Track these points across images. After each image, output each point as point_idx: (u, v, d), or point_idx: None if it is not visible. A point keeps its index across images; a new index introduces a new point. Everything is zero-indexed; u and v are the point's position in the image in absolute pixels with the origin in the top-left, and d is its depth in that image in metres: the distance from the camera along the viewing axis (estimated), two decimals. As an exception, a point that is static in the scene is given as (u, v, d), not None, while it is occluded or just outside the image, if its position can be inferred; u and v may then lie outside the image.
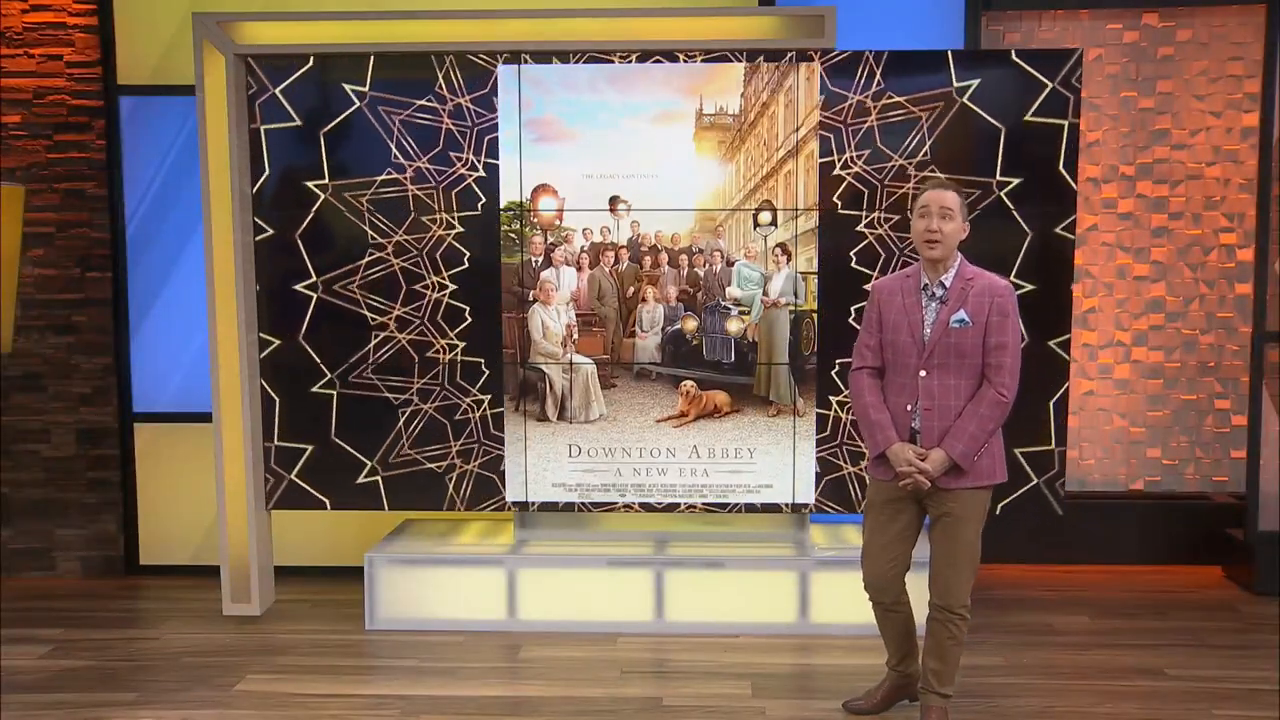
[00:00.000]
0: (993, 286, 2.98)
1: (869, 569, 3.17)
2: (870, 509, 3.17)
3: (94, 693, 3.61)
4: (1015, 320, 2.99)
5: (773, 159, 4.01)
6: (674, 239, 4.06)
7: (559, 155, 4.04)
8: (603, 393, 4.14)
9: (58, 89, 4.67)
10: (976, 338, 2.95)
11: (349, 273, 4.09)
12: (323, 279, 4.10)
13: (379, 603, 4.18)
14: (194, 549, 4.84)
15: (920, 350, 2.98)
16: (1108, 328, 4.96)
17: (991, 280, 3.00)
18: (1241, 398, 4.88)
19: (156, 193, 4.71)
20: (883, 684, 3.36)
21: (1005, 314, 2.96)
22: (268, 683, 3.68)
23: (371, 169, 4.04)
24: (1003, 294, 2.98)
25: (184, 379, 4.76)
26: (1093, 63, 4.82)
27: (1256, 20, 4.74)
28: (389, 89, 4.00)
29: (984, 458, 3.00)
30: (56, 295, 4.76)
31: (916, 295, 3.02)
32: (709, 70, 3.99)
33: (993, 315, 2.95)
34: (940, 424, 2.98)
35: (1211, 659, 3.83)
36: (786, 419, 4.11)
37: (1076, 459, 4.99)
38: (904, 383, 3.02)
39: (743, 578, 4.10)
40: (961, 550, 3.03)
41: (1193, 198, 4.89)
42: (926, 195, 2.98)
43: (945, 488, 3.00)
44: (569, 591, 4.14)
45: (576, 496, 4.16)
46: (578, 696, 3.54)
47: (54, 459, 4.82)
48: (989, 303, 2.95)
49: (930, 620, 3.11)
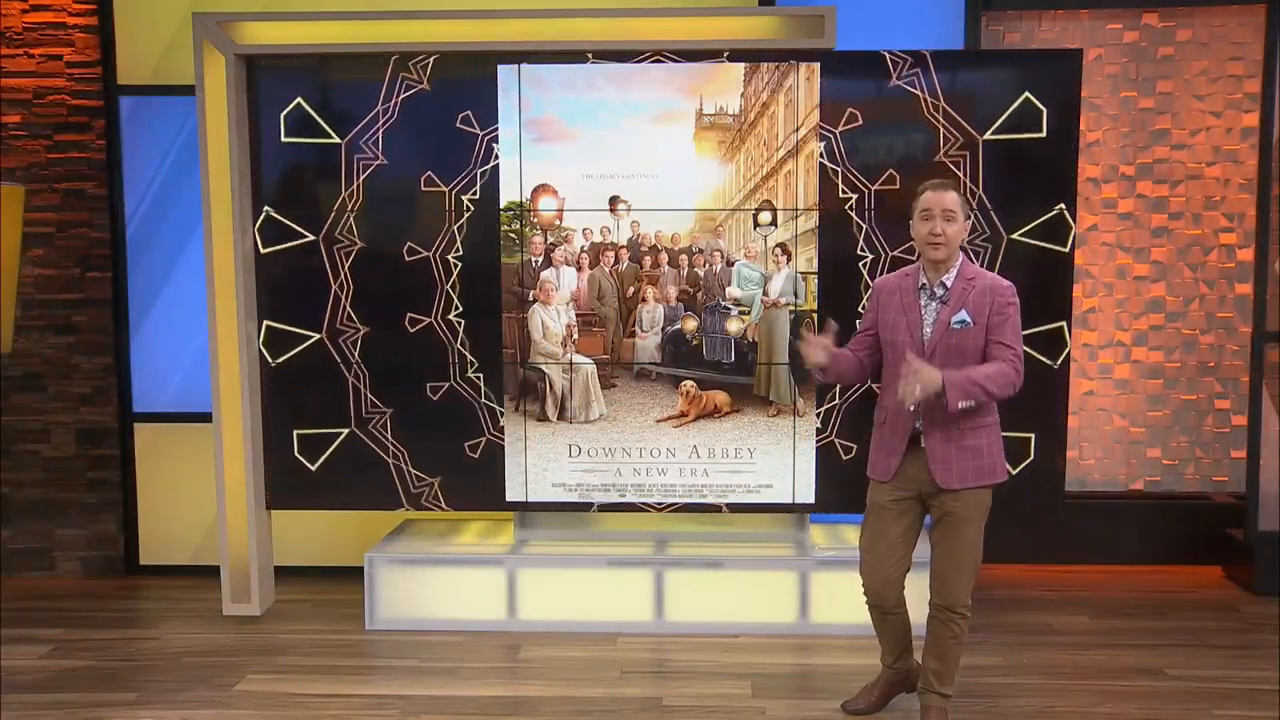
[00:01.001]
0: (994, 286, 2.97)
1: (872, 576, 3.14)
2: (871, 511, 3.14)
3: (94, 693, 3.61)
4: (1016, 320, 2.98)
5: (773, 159, 4.01)
6: (674, 239, 4.06)
7: (559, 155, 4.04)
8: (603, 393, 4.14)
9: (58, 89, 4.67)
10: (978, 338, 2.95)
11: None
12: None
13: (379, 603, 4.18)
14: (194, 549, 4.84)
15: (920, 349, 2.97)
16: (1108, 328, 4.96)
17: (994, 280, 2.99)
18: (1241, 398, 4.88)
19: (156, 193, 4.71)
20: (878, 681, 3.35)
21: (1006, 315, 2.96)
22: (268, 683, 3.68)
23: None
24: (1004, 294, 2.97)
25: (184, 379, 4.76)
26: (1093, 63, 4.82)
27: (1256, 20, 4.74)
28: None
29: (986, 457, 3.00)
30: (56, 295, 4.76)
31: (915, 294, 3.02)
32: (709, 70, 3.99)
33: (994, 315, 2.95)
34: (942, 421, 2.96)
35: (1211, 659, 3.83)
36: (786, 419, 4.11)
37: (1076, 459, 4.98)
38: None
39: (743, 578, 4.10)
40: (964, 550, 3.03)
41: (1193, 198, 4.89)
42: (928, 197, 2.97)
43: (948, 488, 2.99)
44: (569, 591, 4.14)
45: (576, 496, 4.16)
46: (578, 696, 3.54)
47: (54, 459, 4.82)
48: (989, 303, 2.95)
49: (931, 620, 3.11)
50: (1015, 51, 3.94)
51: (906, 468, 3.04)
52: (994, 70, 3.97)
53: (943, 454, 2.98)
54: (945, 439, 2.97)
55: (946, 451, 2.97)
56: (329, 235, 4.07)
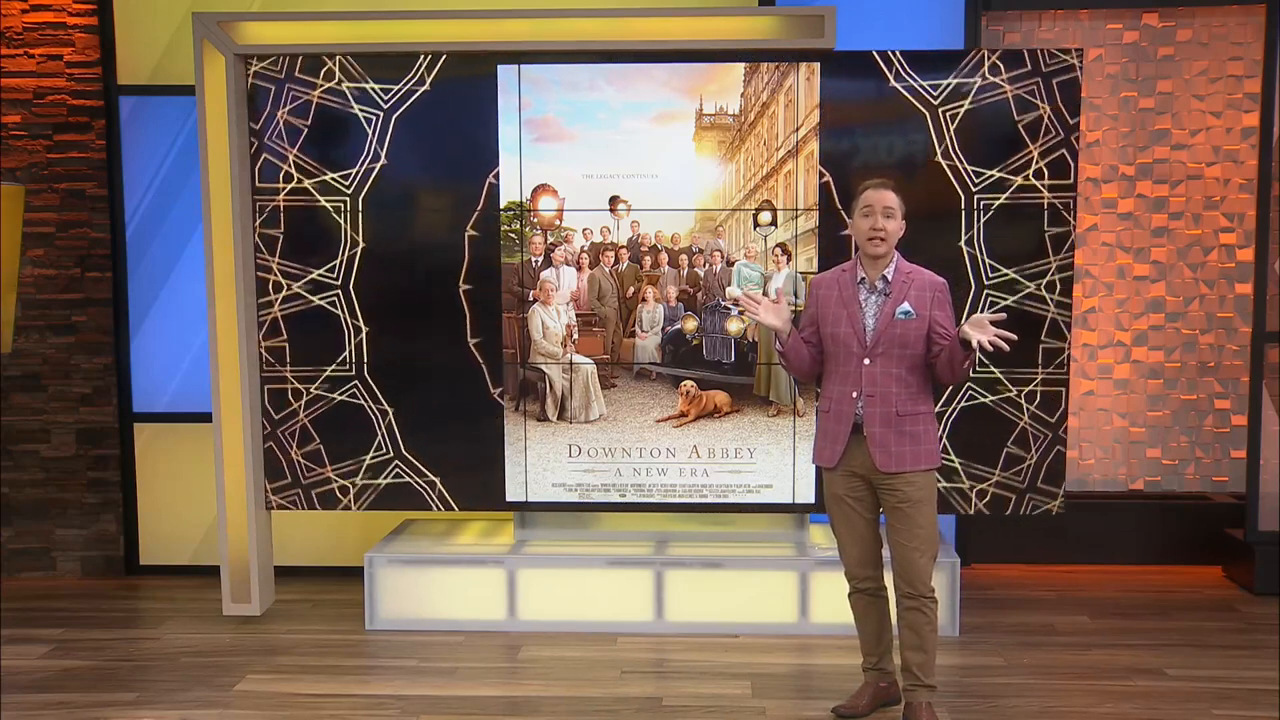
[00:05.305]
0: (933, 282, 3.16)
1: (852, 555, 3.29)
2: (831, 503, 3.28)
3: (94, 693, 3.61)
4: (951, 311, 3.17)
5: (773, 159, 4.01)
6: (674, 239, 4.06)
7: (559, 155, 4.04)
8: (603, 393, 4.14)
9: (58, 89, 4.67)
10: (920, 328, 3.11)
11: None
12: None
13: (379, 603, 4.18)
14: (194, 549, 4.84)
15: (861, 340, 3.12)
16: (1108, 328, 4.96)
17: (931, 276, 3.18)
18: (1241, 398, 4.88)
19: (156, 193, 4.71)
20: (864, 688, 3.40)
21: (944, 306, 3.15)
22: (268, 683, 3.68)
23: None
24: (941, 289, 3.17)
25: (184, 379, 4.76)
26: (1093, 63, 4.82)
27: (1256, 20, 4.74)
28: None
29: (924, 443, 3.14)
30: (56, 295, 4.76)
31: (854, 289, 3.17)
32: (709, 70, 3.99)
33: (935, 308, 3.12)
34: (882, 409, 3.10)
35: (1211, 659, 3.83)
36: (786, 419, 4.11)
37: (1076, 459, 4.99)
38: (847, 371, 3.14)
39: (743, 578, 4.11)
40: (921, 533, 3.15)
41: (1193, 198, 4.89)
42: (869, 195, 3.13)
43: (888, 471, 3.11)
44: (569, 591, 4.14)
45: (576, 496, 4.16)
46: (578, 696, 3.54)
47: (54, 459, 4.82)
48: (931, 296, 3.12)
49: (904, 611, 3.19)
50: (1015, 51, 3.92)
51: (850, 454, 3.17)
52: (994, 70, 3.96)
53: (882, 439, 3.11)
54: (885, 426, 3.11)
55: (886, 436, 3.11)
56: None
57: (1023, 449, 4.03)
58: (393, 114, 4.01)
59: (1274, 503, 4.60)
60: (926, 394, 3.17)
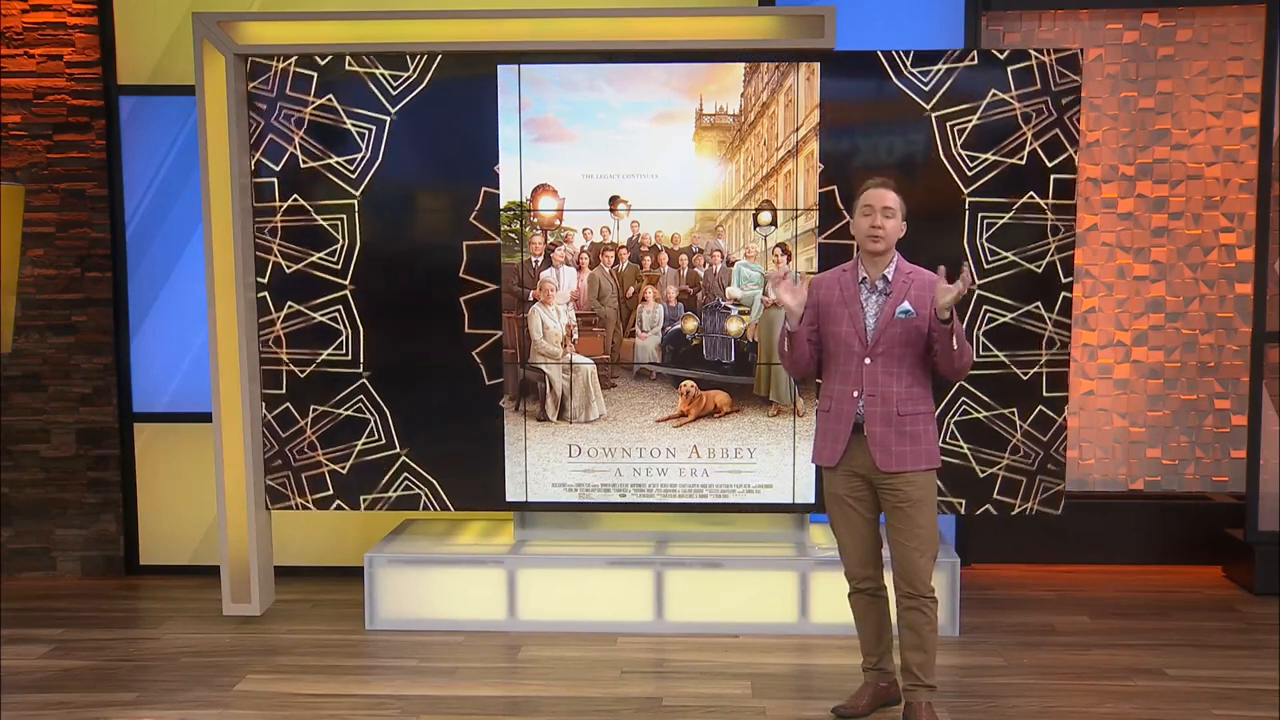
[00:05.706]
0: (933, 281, 3.14)
1: (852, 555, 3.29)
2: (832, 503, 3.28)
3: (94, 693, 3.61)
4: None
5: (773, 159, 4.01)
6: (674, 239, 4.06)
7: (559, 155, 4.04)
8: (603, 393, 4.14)
9: (58, 89, 4.67)
10: (921, 327, 3.11)
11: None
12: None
13: (379, 603, 4.18)
14: (194, 549, 4.84)
15: (862, 339, 3.13)
16: (1108, 328, 4.96)
17: (932, 276, 3.16)
18: (1241, 398, 4.88)
19: (156, 193, 4.71)
20: (864, 688, 3.40)
21: None
22: (268, 683, 3.68)
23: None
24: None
25: (184, 379, 4.76)
26: (1093, 63, 4.82)
27: (1256, 20, 4.74)
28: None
29: (924, 443, 3.14)
30: (56, 295, 4.76)
31: (855, 288, 3.18)
32: (709, 70, 3.99)
33: (934, 307, 3.10)
34: (883, 409, 3.10)
35: (1211, 659, 3.83)
36: (786, 419, 4.11)
37: (1077, 459, 4.99)
38: (848, 371, 3.15)
39: (742, 578, 4.11)
40: (921, 533, 3.15)
41: (1193, 198, 4.89)
42: (869, 194, 3.14)
43: (888, 471, 3.11)
44: (569, 591, 4.14)
45: (576, 496, 4.16)
46: (578, 696, 3.54)
47: (54, 459, 4.82)
48: (931, 296, 3.11)
49: (905, 611, 3.19)
50: (1015, 51, 3.93)
51: (851, 453, 3.17)
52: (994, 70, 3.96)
53: (883, 438, 3.11)
54: (885, 425, 3.11)
55: (886, 436, 3.11)
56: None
57: (1028, 440, 4.03)
58: (392, 113, 4.01)
59: (1274, 503, 4.60)
60: (927, 394, 3.18)
